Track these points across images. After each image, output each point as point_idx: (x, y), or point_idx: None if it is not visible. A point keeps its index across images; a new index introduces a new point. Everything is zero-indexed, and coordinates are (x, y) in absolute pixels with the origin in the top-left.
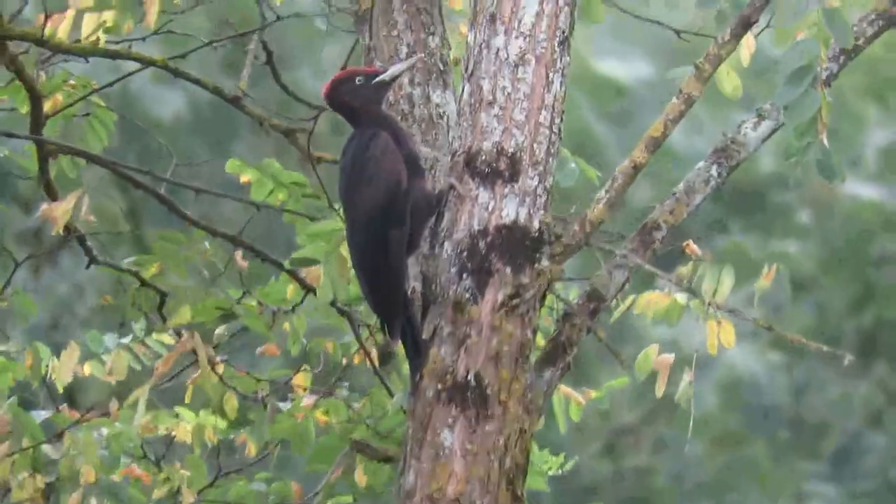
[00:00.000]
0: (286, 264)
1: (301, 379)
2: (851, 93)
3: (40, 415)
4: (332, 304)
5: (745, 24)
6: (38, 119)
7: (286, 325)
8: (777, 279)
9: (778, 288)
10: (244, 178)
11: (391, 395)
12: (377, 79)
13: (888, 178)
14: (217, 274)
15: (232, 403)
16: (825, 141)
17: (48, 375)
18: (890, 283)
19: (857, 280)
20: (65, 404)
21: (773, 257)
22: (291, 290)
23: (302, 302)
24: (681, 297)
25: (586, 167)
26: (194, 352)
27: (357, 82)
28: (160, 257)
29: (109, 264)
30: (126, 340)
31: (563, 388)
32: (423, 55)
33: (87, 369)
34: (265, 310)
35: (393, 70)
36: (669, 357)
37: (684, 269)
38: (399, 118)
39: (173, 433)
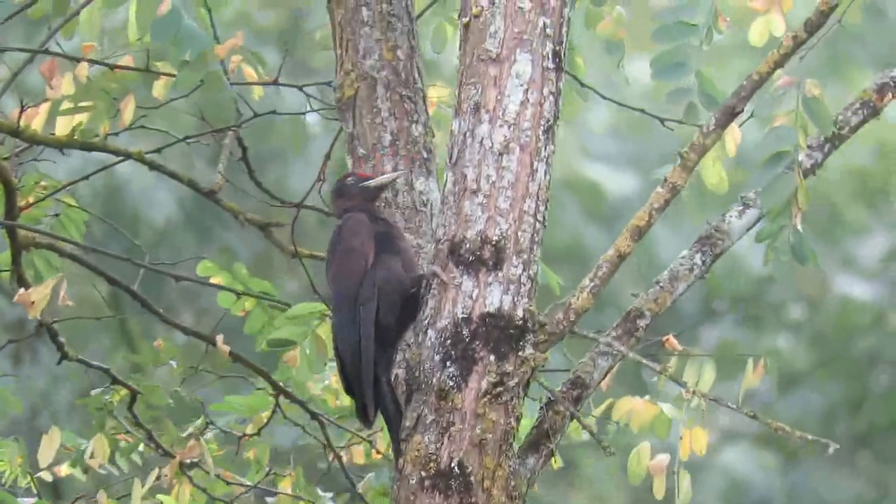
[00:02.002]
0: (263, 346)
1: (286, 483)
2: (843, 195)
3: (25, 502)
4: (305, 408)
5: (730, 114)
6: (12, 210)
7: (249, 453)
8: (765, 374)
9: (765, 382)
10: (215, 280)
11: None
12: (363, 184)
13: (880, 278)
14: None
15: None
16: (799, 225)
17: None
18: (881, 381)
19: (849, 378)
20: None
21: (765, 354)
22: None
23: (274, 413)
24: (667, 408)
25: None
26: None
27: (348, 182)
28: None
29: (81, 360)
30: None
31: None
32: (405, 171)
33: (66, 470)
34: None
35: (380, 179)
36: (664, 458)
37: (670, 365)
38: (383, 206)
39: None
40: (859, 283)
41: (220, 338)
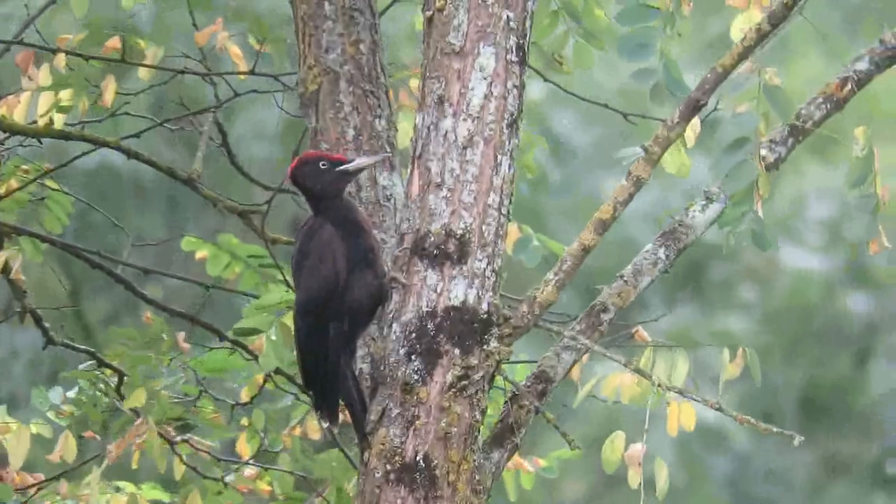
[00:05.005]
0: (229, 333)
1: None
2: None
3: None
4: (294, 382)
5: (694, 107)
6: None
7: (244, 420)
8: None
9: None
10: (199, 255)
11: (352, 464)
12: (340, 168)
13: (828, 250)
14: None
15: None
16: (760, 212)
17: None
18: (831, 356)
19: (799, 354)
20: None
21: (716, 336)
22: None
23: (260, 391)
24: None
25: (550, 243)
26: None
27: (321, 167)
28: (115, 355)
29: (67, 345)
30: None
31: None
32: (389, 153)
33: (34, 429)
34: (223, 405)
35: (358, 162)
36: (640, 447)
37: (644, 357)
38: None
39: None
40: (808, 255)
41: (181, 335)
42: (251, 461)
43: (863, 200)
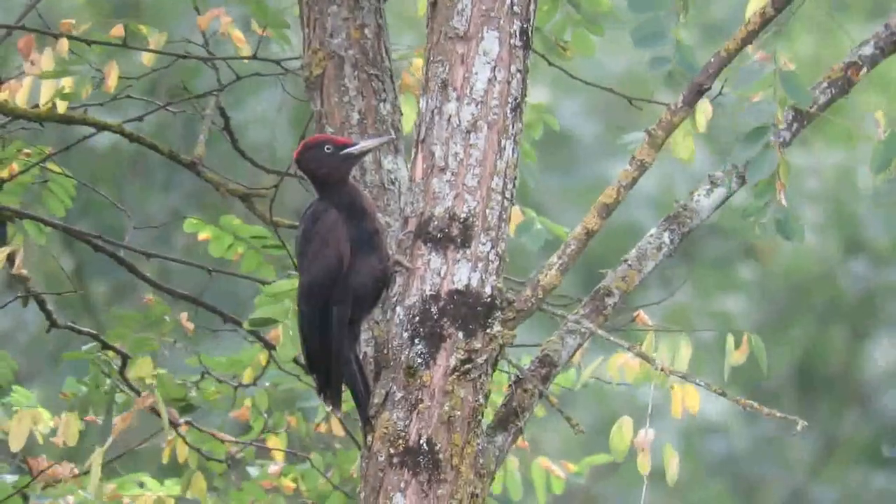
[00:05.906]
0: (245, 325)
1: (275, 442)
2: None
3: (6, 479)
4: (298, 364)
5: (698, 92)
6: None
7: (248, 401)
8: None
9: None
10: (202, 236)
11: (357, 446)
12: (345, 151)
13: (827, 226)
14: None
15: (199, 485)
16: (784, 200)
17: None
18: (829, 334)
19: (797, 333)
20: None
21: (714, 317)
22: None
23: (264, 370)
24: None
25: (553, 226)
26: (157, 413)
27: (326, 150)
28: (117, 336)
29: (70, 328)
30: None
31: (545, 462)
32: (394, 136)
33: (53, 422)
34: (226, 384)
35: (363, 145)
36: (649, 433)
37: (646, 342)
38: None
39: None
40: (806, 231)
41: (184, 315)
42: (248, 442)
43: (889, 185)
